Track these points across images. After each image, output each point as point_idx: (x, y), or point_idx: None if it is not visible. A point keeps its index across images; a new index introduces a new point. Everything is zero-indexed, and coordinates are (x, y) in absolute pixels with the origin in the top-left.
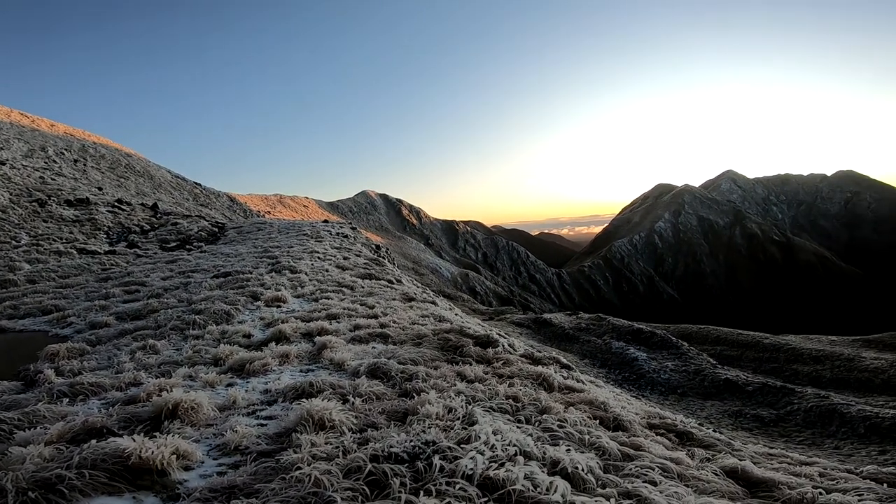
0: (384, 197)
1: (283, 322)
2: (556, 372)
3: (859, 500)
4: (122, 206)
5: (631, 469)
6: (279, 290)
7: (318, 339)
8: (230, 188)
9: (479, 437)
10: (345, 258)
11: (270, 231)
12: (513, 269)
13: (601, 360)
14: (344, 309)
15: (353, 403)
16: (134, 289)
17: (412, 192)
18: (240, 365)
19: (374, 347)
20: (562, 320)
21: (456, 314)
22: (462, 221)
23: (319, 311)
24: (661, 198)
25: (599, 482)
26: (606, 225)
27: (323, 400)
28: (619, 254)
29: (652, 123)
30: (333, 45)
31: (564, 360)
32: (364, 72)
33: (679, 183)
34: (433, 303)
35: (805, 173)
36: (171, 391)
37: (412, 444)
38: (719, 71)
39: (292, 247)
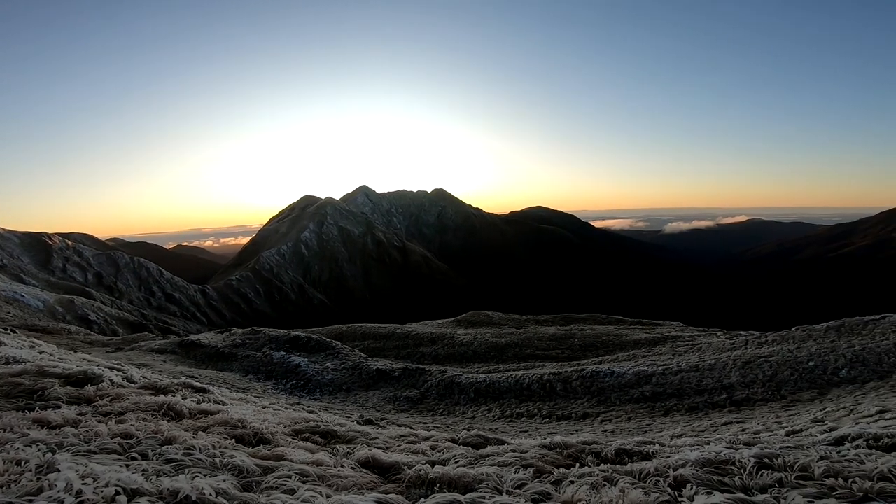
0: None
1: None
2: (185, 398)
3: (455, 467)
4: None
5: (270, 482)
6: None
7: None
8: None
9: (57, 485)
10: None
11: None
12: (142, 289)
13: (265, 372)
14: None
15: None
16: None
17: None
18: None
19: None
20: (213, 339)
21: (42, 352)
22: (58, 235)
23: None
24: (307, 209)
25: (235, 502)
26: (254, 235)
27: None
28: (268, 264)
29: (303, 138)
30: None
31: (198, 384)
32: None
33: (323, 195)
34: None
35: (415, 190)
36: None
37: None
38: (364, 99)
39: None
